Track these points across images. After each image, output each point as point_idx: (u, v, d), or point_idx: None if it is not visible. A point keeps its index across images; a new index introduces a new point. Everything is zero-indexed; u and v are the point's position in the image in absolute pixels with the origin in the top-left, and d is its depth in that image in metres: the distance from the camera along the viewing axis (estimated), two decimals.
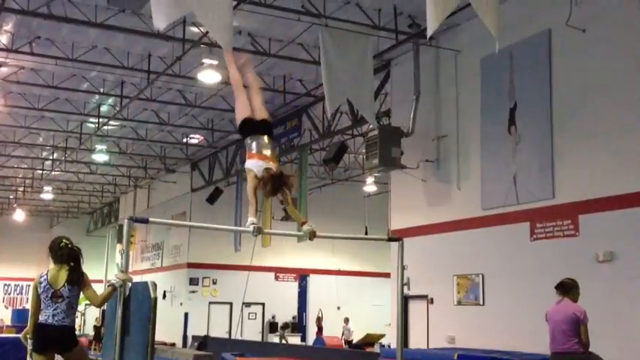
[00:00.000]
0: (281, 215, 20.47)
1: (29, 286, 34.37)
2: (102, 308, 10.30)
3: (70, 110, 18.35)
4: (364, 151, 14.05)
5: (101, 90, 17.02)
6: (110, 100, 18.14)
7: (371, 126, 13.75)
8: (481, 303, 11.64)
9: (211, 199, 22.21)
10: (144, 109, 18.67)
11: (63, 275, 5.55)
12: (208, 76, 14.14)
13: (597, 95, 9.92)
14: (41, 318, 5.53)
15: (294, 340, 23.45)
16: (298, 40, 13.59)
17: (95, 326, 23.72)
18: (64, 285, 5.51)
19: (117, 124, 20.04)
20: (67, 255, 5.60)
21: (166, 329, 21.55)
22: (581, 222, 9.92)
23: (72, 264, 5.59)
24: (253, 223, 5.79)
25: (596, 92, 9.94)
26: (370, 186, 22.87)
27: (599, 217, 9.66)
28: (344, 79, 11.84)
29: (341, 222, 22.14)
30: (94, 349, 21.76)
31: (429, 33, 6.95)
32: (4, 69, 15.60)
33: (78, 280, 5.55)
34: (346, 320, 23.29)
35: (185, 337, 23.56)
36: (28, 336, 5.72)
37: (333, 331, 23.38)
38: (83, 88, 16.93)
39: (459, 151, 12.43)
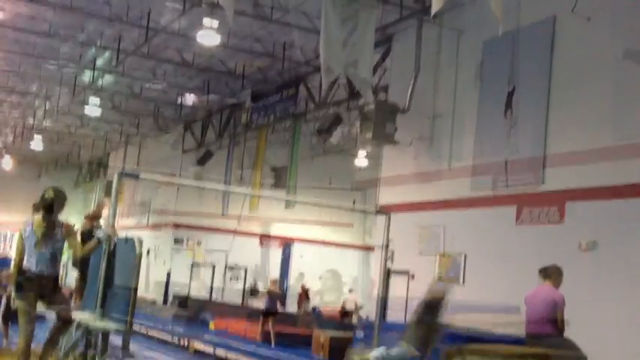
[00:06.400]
0: (270, 183, 20.52)
1: (13, 234, 34.35)
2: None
3: (66, 61, 18.15)
4: (358, 124, 14.02)
5: (98, 43, 16.83)
6: (106, 54, 17.95)
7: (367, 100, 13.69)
8: (461, 282, 11.76)
9: (202, 161, 22.18)
10: (140, 66, 18.50)
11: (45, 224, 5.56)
12: (207, 38, 13.99)
13: (596, 84, 9.91)
14: (25, 264, 5.55)
15: None
16: (302, 9, 13.46)
17: (77, 279, 23.75)
18: (46, 233, 5.52)
19: (112, 78, 19.86)
20: (40, 204, 5.62)
21: (148, 286, 21.66)
22: (567, 210, 10.00)
23: (45, 213, 5.58)
24: None
25: (595, 81, 9.93)
26: (362, 160, 22.84)
27: (585, 206, 9.73)
28: (343, 50, 11.73)
29: (330, 193, 22.20)
30: (75, 300, 21.81)
31: (434, 10, 6.94)
32: (0, 14, 15.37)
33: (51, 230, 5.52)
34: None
35: (166, 295, 23.70)
36: (3, 281, 5.74)
37: (313, 300, 23.50)
38: (80, 40, 16.73)
39: (453, 131, 12.42)
